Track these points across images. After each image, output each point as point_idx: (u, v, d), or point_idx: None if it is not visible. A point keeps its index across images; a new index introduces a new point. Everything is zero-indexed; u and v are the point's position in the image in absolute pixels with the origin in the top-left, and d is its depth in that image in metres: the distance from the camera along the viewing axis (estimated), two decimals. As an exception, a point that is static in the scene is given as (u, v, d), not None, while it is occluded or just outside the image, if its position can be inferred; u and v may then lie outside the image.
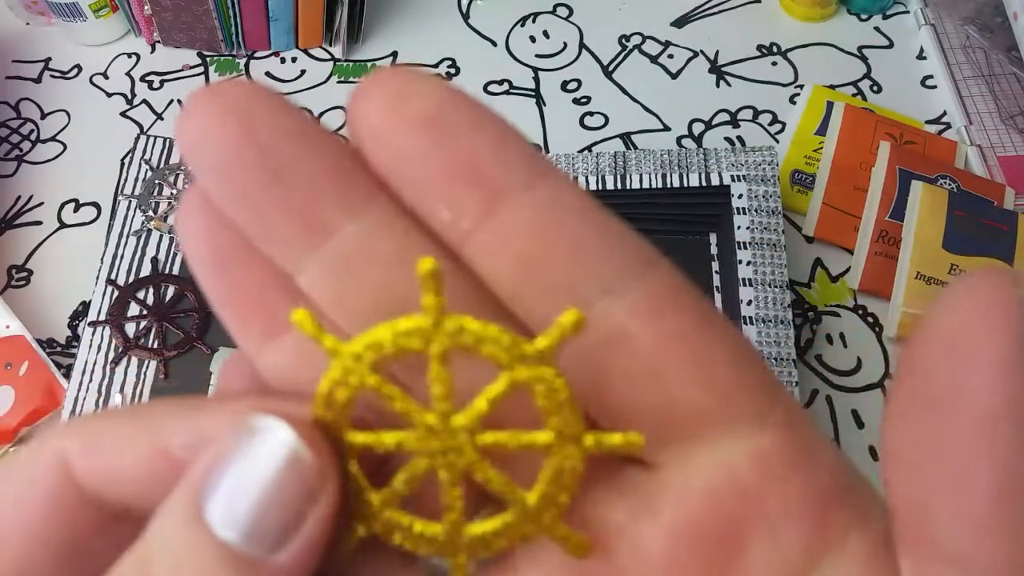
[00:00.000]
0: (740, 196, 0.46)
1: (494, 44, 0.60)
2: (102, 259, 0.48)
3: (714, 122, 0.55)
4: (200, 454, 0.12)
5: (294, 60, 0.59)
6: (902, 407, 0.12)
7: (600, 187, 0.47)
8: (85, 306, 0.49)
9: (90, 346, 0.46)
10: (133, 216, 0.49)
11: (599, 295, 0.13)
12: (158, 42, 0.59)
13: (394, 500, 0.14)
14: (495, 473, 0.13)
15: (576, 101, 0.57)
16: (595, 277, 0.13)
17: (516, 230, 0.13)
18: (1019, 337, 0.11)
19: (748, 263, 0.45)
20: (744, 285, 0.44)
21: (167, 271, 0.48)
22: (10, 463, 0.13)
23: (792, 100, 0.56)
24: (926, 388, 0.11)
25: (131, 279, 0.48)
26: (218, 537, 0.12)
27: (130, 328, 0.46)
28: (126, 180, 0.51)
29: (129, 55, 0.59)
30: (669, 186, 0.47)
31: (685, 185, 0.47)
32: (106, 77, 0.58)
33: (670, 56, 0.59)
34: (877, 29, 0.59)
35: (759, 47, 0.59)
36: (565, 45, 0.60)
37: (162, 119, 0.56)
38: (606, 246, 0.13)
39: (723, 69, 0.58)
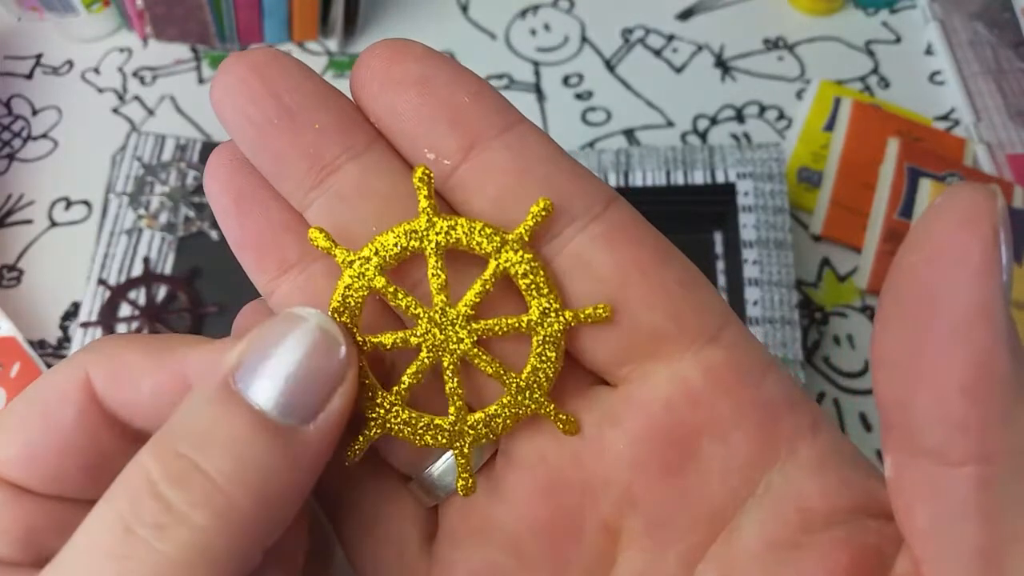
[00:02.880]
0: (746, 194, 0.45)
1: (493, 37, 0.59)
2: (93, 258, 0.47)
3: (719, 118, 0.54)
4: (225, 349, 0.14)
5: (288, 54, 0.58)
6: (888, 312, 0.12)
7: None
8: (76, 306, 0.48)
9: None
10: (124, 214, 0.49)
11: (564, 226, 0.15)
12: (150, 36, 0.58)
13: (403, 397, 0.15)
14: (489, 359, 0.15)
15: (578, 96, 0.56)
16: (561, 210, 0.15)
17: (492, 169, 0.15)
18: (995, 245, 0.11)
19: (754, 262, 0.44)
20: (750, 285, 0.43)
21: (159, 271, 0.47)
22: (42, 383, 0.15)
23: (799, 95, 0.55)
24: (909, 292, 0.12)
25: (123, 278, 0.47)
26: (253, 406, 0.13)
27: (121, 329, 0.45)
28: (117, 178, 0.50)
29: (121, 50, 0.58)
30: (673, 184, 0.46)
31: (689, 183, 0.46)
32: (98, 73, 0.57)
33: (674, 50, 0.57)
34: (884, 24, 0.58)
35: (765, 41, 0.58)
36: (566, 39, 0.58)
37: (153, 115, 0.55)
38: (571, 184, 0.15)
39: (728, 63, 0.57)
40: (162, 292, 0.47)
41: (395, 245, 0.15)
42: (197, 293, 0.47)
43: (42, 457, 0.14)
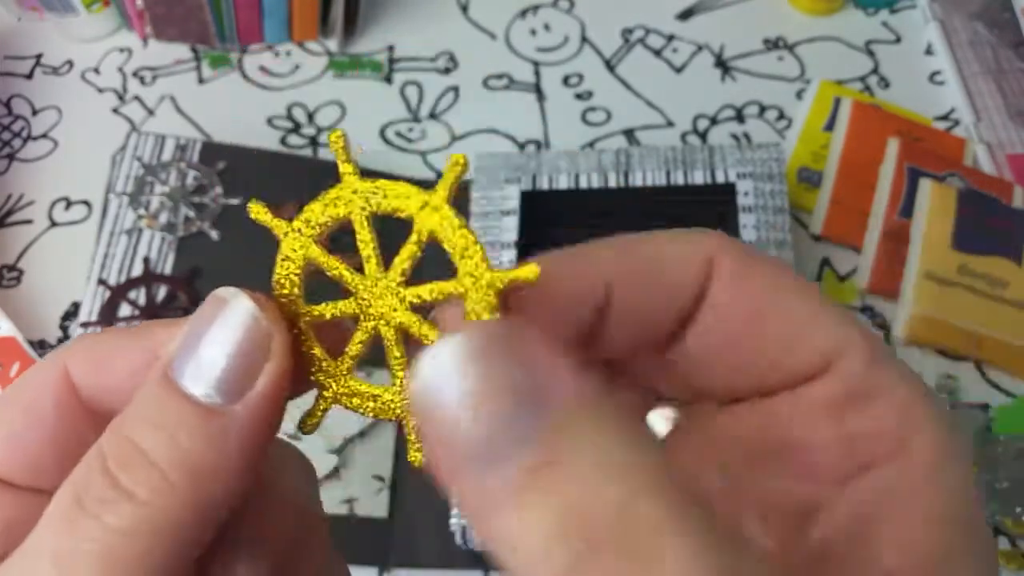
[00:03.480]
0: (746, 194, 0.45)
1: (493, 37, 0.59)
2: (93, 258, 0.47)
3: (719, 118, 0.54)
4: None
5: (288, 54, 0.58)
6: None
7: (603, 185, 0.46)
8: (76, 306, 0.48)
9: (81, 348, 0.45)
10: (124, 214, 0.49)
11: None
12: (150, 36, 0.58)
13: (349, 367, 0.15)
14: (427, 326, 0.15)
15: (578, 96, 0.56)
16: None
17: None
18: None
19: (754, 263, 0.44)
20: (750, 285, 0.43)
21: (159, 271, 0.47)
22: (25, 377, 0.15)
23: (799, 96, 0.55)
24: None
25: (123, 278, 0.47)
26: (186, 392, 0.13)
27: (122, 329, 0.45)
28: (117, 178, 0.50)
29: (121, 50, 0.58)
30: (673, 184, 0.46)
31: (689, 183, 0.46)
32: (98, 73, 0.57)
33: (674, 50, 0.57)
34: (884, 24, 0.58)
35: (765, 41, 0.58)
36: (566, 39, 0.58)
37: (153, 115, 0.55)
38: None
39: (728, 63, 0.57)
40: (162, 292, 0.47)
41: (323, 213, 0.15)
42: (197, 293, 0.47)
43: (21, 450, 0.15)
